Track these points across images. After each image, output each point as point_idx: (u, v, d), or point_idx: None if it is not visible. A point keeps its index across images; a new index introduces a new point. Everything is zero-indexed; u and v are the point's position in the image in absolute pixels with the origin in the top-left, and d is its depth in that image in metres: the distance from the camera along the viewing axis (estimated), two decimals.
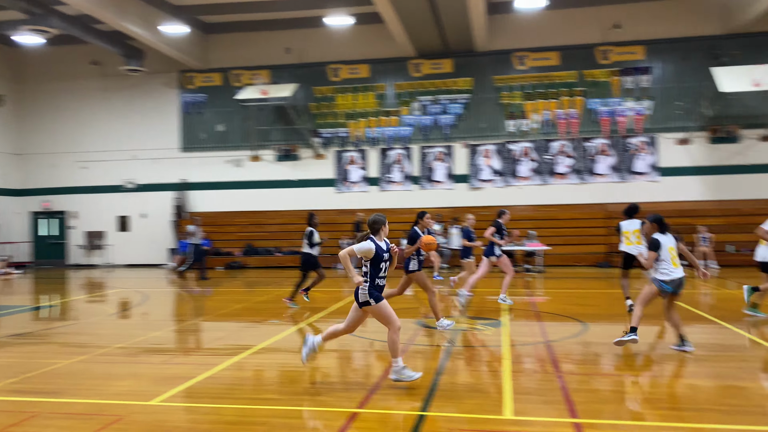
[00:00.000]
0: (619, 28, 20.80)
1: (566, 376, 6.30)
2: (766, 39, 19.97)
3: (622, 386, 6.07)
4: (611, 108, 21.03)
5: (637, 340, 7.19)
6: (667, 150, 20.64)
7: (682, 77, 20.63)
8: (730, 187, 20.20)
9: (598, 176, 21.07)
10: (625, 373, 6.58)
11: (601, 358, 7.35)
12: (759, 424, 4.75)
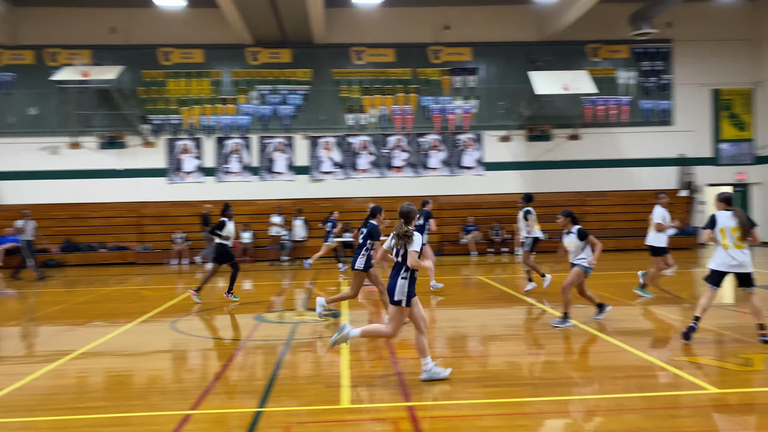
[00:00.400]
0: (448, 29, 21.97)
1: (402, 361, 6.57)
2: (574, 47, 22.25)
3: (454, 367, 6.46)
4: (442, 106, 22.19)
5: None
6: (490, 146, 22.24)
7: (504, 79, 22.32)
8: (544, 180, 22.29)
9: (430, 170, 22.15)
10: (456, 355, 7.02)
11: (436, 342, 7.76)
12: (566, 395, 5.31)
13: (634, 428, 4.52)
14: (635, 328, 8.34)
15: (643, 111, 22.49)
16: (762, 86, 22.51)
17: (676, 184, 22.38)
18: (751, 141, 22.86)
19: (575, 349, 7.18)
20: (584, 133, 22.36)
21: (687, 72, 22.51)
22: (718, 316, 8.90)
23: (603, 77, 22.27)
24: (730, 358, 6.50)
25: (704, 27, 22.38)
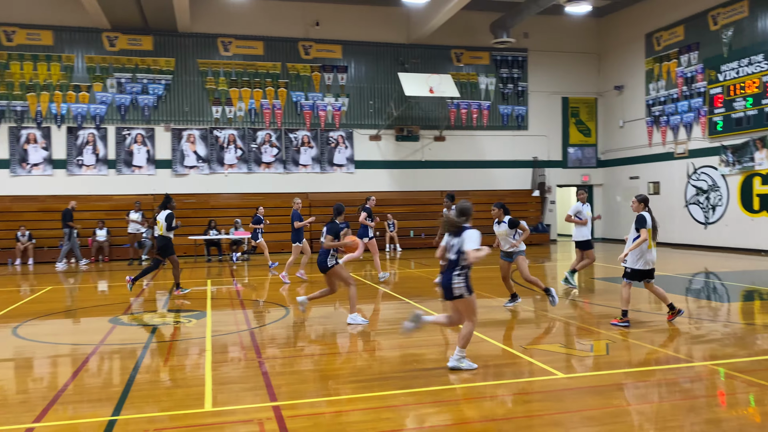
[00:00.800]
0: (318, 26, 21.93)
1: (269, 361, 6.46)
2: (439, 51, 23.12)
3: (322, 365, 6.45)
4: (313, 102, 22.12)
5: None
6: (361, 144, 22.53)
7: (373, 78, 22.69)
8: (412, 180, 22.97)
9: (301, 167, 22.00)
10: (326, 353, 7.02)
11: (304, 340, 7.72)
12: (429, 385, 5.50)
13: (491, 414, 4.78)
14: (493, 319, 8.82)
15: (502, 115, 23.87)
16: (604, 96, 24.75)
17: (530, 185, 24.00)
18: (594, 146, 25.05)
19: (440, 341, 7.46)
20: (449, 134, 23.31)
21: (540, 80, 24.21)
22: (566, 306, 9.65)
23: (466, 82, 23.37)
24: (575, 344, 7.08)
25: (556, 39, 24.19)
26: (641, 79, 22.63)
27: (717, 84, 19.19)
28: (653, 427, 4.42)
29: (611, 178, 24.51)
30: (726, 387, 5.46)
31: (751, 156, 18.05)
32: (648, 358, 6.46)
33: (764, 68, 17.55)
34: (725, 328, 7.90)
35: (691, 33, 20.34)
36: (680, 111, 20.79)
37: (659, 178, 21.80)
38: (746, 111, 18.14)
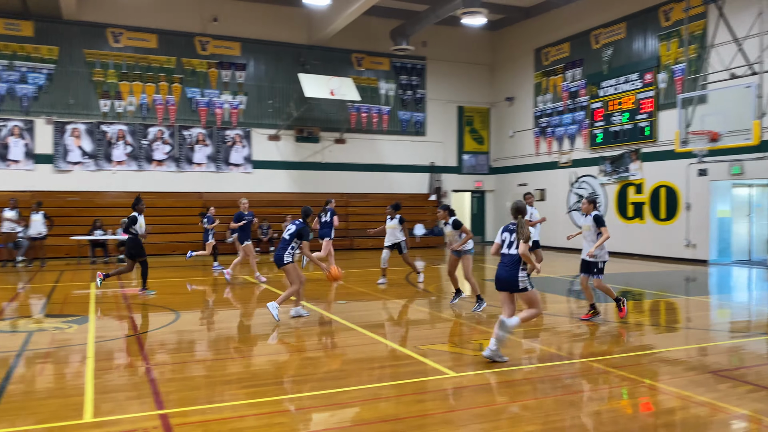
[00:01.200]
0: (216, 22, 21.33)
1: (157, 367, 6.19)
2: (340, 54, 23.19)
3: (215, 370, 6.27)
4: (209, 99, 21.47)
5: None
6: (259, 144, 22.13)
7: (273, 78, 22.37)
8: (312, 181, 22.86)
9: (195, 165, 21.27)
10: (219, 358, 6.82)
11: (195, 345, 7.47)
12: (323, 389, 5.49)
13: (386, 415, 4.84)
14: (388, 320, 8.96)
15: (401, 121, 24.31)
16: (495, 107, 25.85)
17: (427, 189, 24.60)
18: (487, 154, 26.09)
19: (333, 344, 7.47)
20: (349, 137, 23.42)
21: (438, 88, 24.90)
22: (460, 307, 9.96)
23: (367, 86, 23.59)
24: (466, 344, 7.33)
25: (453, 49, 24.98)
26: (530, 91, 23.85)
27: (598, 99, 20.59)
28: (537, 422, 4.66)
29: (502, 185, 25.62)
30: (602, 382, 5.85)
31: (627, 167, 19.52)
32: (533, 355, 6.80)
33: (638, 86, 19.05)
34: (602, 326, 8.47)
35: (575, 50, 21.70)
36: (565, 123, 22.11)
37: (545, 185, 23.05)
38: (623, 125, 19.61)
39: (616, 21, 19.99)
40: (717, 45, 15.46)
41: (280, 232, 20.70)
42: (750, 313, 10.05)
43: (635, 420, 4.80)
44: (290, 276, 8.66)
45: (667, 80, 18.21)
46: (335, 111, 22.97)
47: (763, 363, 6.60)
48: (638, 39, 19.28)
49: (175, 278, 14.19)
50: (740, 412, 4.90)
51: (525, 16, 23.58)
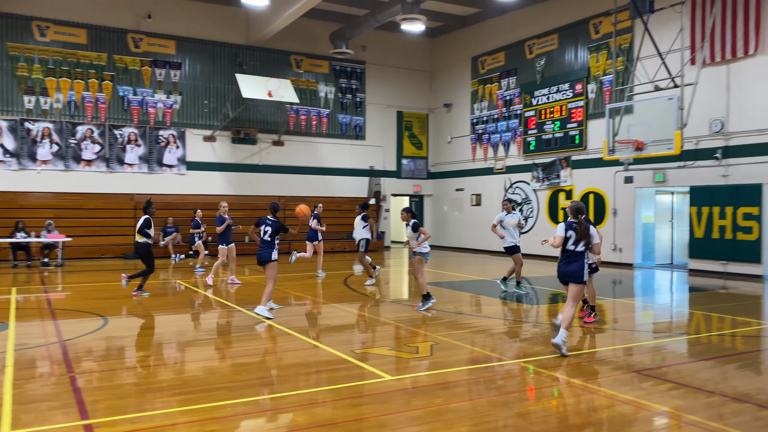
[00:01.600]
0: (150, 19, 20.74)
1: (83, 376, 5.95)
2: (279, 56, 22.97)
3: (145, 377, 6.07)
4: (142, 97, 20.82)
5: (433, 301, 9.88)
6: (194, 145, 21.62)
7: (210, 77, 21.92)
8: (249, 183, 22.52)
9: (127, 166, 20.57)
10: (150, 365, 6.61)
11: (125, 352, 7.22)
12: (258, 394, 5.42)
13: (322, 420, 4.82)
14: (326, 324, 8.92)
15: (341, 124, 24.30)
16: (434, 112, 26.22)
17: (367, 193, 24.67)
18: (425, 159, 26.41)
19: (270, 349, 7.38)
20: (288, 140, 23.22)
21: (377, 93, 25.04)
22: (395, 310, 10.03)
23: (306, 88, 23.47)
24: (403, 347, 7.39)
25: (392, 55, 25.19)
26: (467, 98, 24.31)
27: (531, 108, 21.21)
28: (471, 423, 4.74)
29: (440, 190, 25.98)
30: (534, 382, 6.02)
31: (558, 173, 20.18)
32: (468, 357, 6.92)
33: (569, 96, 19.74)
34: (534, 328, 8.71)
35: (510, 59, 22.28)
36: (500, 130, 22.66)
37: (481, 190, 23.53)
38: (554, 133, 20.26)
39: (549, 32, 20.66)
40: (642, 58, 16.20)
41: (215, 235, 20.31)
42: (671, 314, 10.56)
43: (564, 419, 4.96)
44: (272, 272, 9.15)
45: (596, 91, 18.95)
46: (273, 113, 22.73)
47: (683, 361, 6.95)
48: (569, 50, 19.98)
49: (103, 282, 13.67)
50: (662, 409, 5.14)
51: (462, 24, 24.04)
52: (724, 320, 9.43)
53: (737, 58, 15.20)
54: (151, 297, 11.55)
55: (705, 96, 15.49)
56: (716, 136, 15.65)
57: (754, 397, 5.42)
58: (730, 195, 15.29)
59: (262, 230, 9.29)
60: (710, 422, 4.79)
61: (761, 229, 14.82)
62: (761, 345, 7.87)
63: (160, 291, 12.52)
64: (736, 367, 6.55)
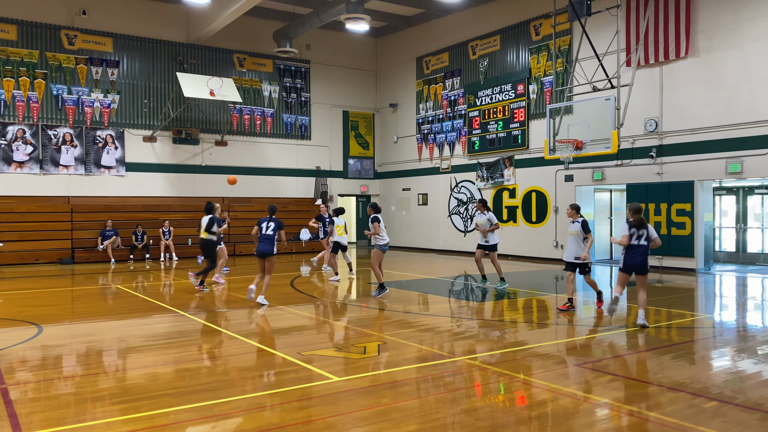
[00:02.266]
0: (85, 15, 20.03)
1: (16, 387, 5.67)
2: (221, 54, 22.56)
3: (84, 387, 5.84)
4: (77, 96, 20.07)
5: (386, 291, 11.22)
6: (133, 145, 20.99)
7: (149, 76, 21.32)
8: (191, 184, 22.02)
9: (62, 167, 19.79)
10: (90, 373, 6.37)
11: (62, 361, 6.93)
12: (202, 401, 5.30)
13: (269, 424, 4.75)
14: (271, 327, 8.81)
15: (286, 124, 24.07)
16: (380, 112, 26.29)
17: (314, 194, 24.52)
18: (372, 158, 26.46)
19: (214, 354, 7.23)
20: (231, 139, 22.83)
21: (322, 92, 24.92)
22: (342, 311, 10.00)
23: (249, 87, 23.13)
24: (351, 348, 7.37)
25: (337, 54, 25.12)
26: (412, 98, 24.49)
27: (475, 108, 21.54)
28: (419, 421, 4.77)
29: (387, 189, 26.07)
30: (481, 378, 6.11)
31: (501, 173, 20.57)
32: (415, 356, 6.96)
33: (511, 96, 20.14)
34: (480, 325, 8.84)
35: (454, 60, 22.57)
36: (445, 130, 22.92)
37: (427, 190, 23.75)
38: (497, 133, 20.64)
39: (491, 33, 21.03)
40: (581, 59, 16.69)
41: (156, 238, 19.80)
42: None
43: (510, 413, 5.04)
44: (272, 266, 10.58)
45: (537, 91, 19.41)
46: (216, 112, 22.32)
47: (622, 354, 7.19)
48: (511, 51, 20.39)
49: (37, 289, 13.10)
50: (602, 401, 5.30)
51: (407, 24, 24.19)
52: (660, 313, 9.81)
53: (669, 60, 15.85)
54: (92, 302, 11.16)
55: (640, 97, 16.09)
56: (651, 135, 16.28)
57: (688, 386, 5.66)
58: (664, 192, 15.93)
59: (265, 226, 10.55)
60: (647, 412, 4.96)
61: (693, 224, 15.50)
62: (695, 336, 8.23)
63: (101, 296, 12.10)
64: (672, 358, 6.83)
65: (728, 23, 14.79)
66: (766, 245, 17.92)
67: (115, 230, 19.34)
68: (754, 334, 8.38)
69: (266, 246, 10.46)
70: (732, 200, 18.37)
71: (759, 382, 5.94)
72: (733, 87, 14.76)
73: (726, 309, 10.90)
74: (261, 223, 10.65)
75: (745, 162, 14.53)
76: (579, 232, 9.68)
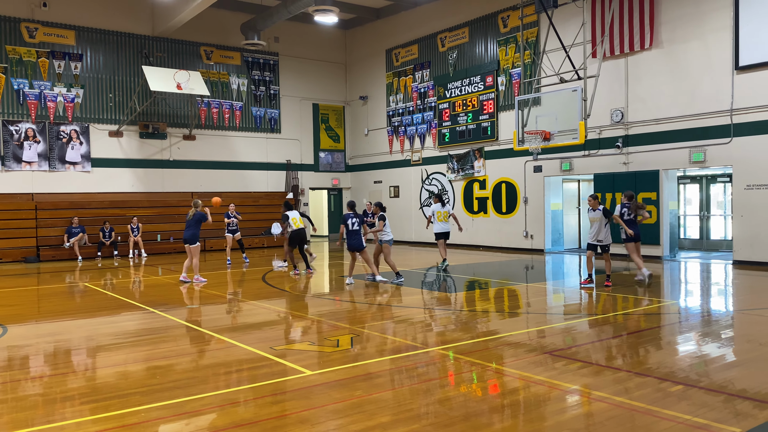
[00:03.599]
0: (46, 7, 19.52)
1: None
2: (188, 47, 22.22)
3: (52, 387, 5.74)
4: (40, 91, 19.58)
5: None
6: (99, 141, 20.58)
7: (114, 70, 20.89)
8: (159, 180, 21.70)
9: (25, 164, 19.30)
10: (58, 373, 6.25)
11: (29, 361, 6.79)
12: (175, 398, 5.25)
13: (242, 419, 4.73)
14: (243, 322, 8.76)
15: (255, 117, 23.84)
16: (350, 105, 26.22)
17: (284, 187, 24.37)
18: (343, 151, 26.38)
19: (186, 351, 7.16)
20: (199, 134, 22.54)
21: (292, 85, 24.73)
22: (316, 305, 9.99)
23: (217, 81, 22.85)
24: (324, 341, 7.37)
25: (307, 46, 24.94)
26: (383, 91, 24.46)
27: (445, 100, 21.62)
28: (392, 412, 4.80)
29: (358, 182, 26.04)
30: (454, 368, 6.16)
31: (472, 164, 20.71)
32: (389, 347, 6.99)
33: (481, 88, 20.26)
34: (452, 315, 8.92)
35: (423, 52, 22.60)
36: (415, 122, 22.96)
37: (399, 182, 23.79)
38: (467, 125, 20.76)
39: (460, 26, 21.10)
40: (548, 51, 16.86)
41: (124, 234, 19.48)
42: (580, 296, 11.09)
43: (483, 402, 5.11)
44: (366, 255, 12.00)
45: (505, 83, 19.55)
46: (183, 106, 22.00)
47: (591, 341, 7.33)
48: (480, 43, 20.50)
49: (1, 288, 12.78)
50: (572, 388, 5.39)
51: (376, 16, 24.12)
52: (628, 300, 10.01)
53: (634, 51, 16.11)
54: (59, 301, 10.95)
55: (606, 88, 16.34)
56: (617, 125, 16.55)
57: (655, 371, 5.79)
58: (630, 181, 16.22)
59: (350, 223, 11.79)
60: (616, 397, 5.07)
61: (659, 213, 15.83)
62: (661, 322, 8.42)
63: (68, 294, 11.88)
64: (639, 344, 6.98)
65: (690, 15, 15.09)
66: (729, 232, 18.41)
67: (81, 227, 18.96)
68: (718, 319, 8.62)
69: (354, 240, 11.81)
70: (696, 189, 18.79)
71: (722, 365, 6.11)
72: (695, 78, 15.07)
73: (691, 295, 11.18)
74: (346, 220, 11.85)
75: (708, 151, 14.88)
76: (601, 219, 11.24)
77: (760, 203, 13.98)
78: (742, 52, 14.18)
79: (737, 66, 14.28)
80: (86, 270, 16.19)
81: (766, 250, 13.95)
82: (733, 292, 11.37)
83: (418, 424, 4.55)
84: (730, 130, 14.42)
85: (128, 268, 16.38)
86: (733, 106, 14.36)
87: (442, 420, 4.65)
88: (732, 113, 14.39)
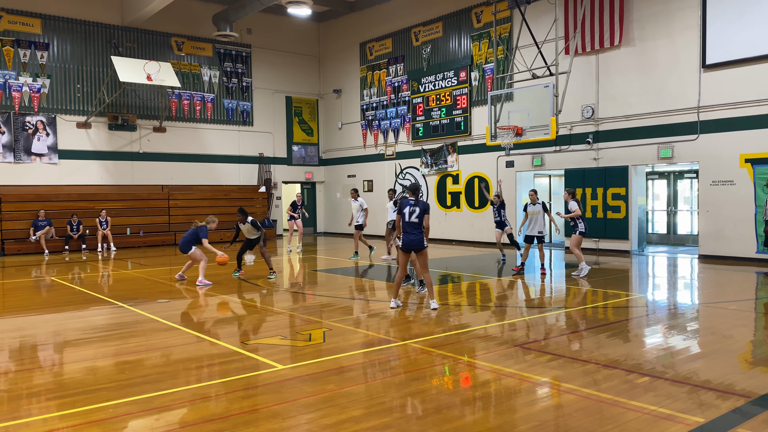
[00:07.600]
0: None
1: None
2: (158, 37, 21.86)
3: (17, 383, 5.61)
4: (4, 80, 19.07)
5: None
6: (66, 132, 20.15)
7: (82, 60, 20.46)
8: (128, 172, 21.34)
9: None
10: (23, 369, 6.12)
11: None
12: (143, 393, 5.18)
13: (212, 414, 4.69)
14: (214, 317, 8.68)
15: (227, 110, 23.58)
16: (324, 98, 26.09)
17: (257, 181, 24.17)
18: (317, 145, 26.26)
19: (156, 345, 7.07)
20: (170, 125, 22.22)
21: (264, 78, 24.51)
22: (287, 299, 9.94)
23: (188, 72, 22.53)
24: (296, 335, 7.34)
25: (280, 39, 24.72)
26: (356, 84, 24.39)
27: (419, 94, 21.64)
28: (364, 405, 4.81)
29: (332, 176, 25.96)
30: (425, 361, 6.19)
31: (445, 159, 20.79)
32: (361, 341, 7.00)
33: (454, 83, 20.34)
34: (425, 309, 8.95)
35: (397, 46, 22.58)
36: (389, 117, 22.96)
37: (372, 176, 23.78)
38: (441, 120, 20.83)
39: (434, 20, 21.13)
40: (521, 47, 16.98)
41: (92, 228, 19.12)
42: (550, 289, 11.24)
43: (455, 394, 5.15)
44: (424, 259, 8.89)
45: (479, 78, 19.66)
46: (153, 97, 21.65)
47: (560, 334, 7.43)
48: (453, 38, 20.56)
49: None
50: (542, 380, 5.47)
51: (350, 9, 24.01)
52: (597, 293, 10.17)
53: (605, 48, 16.32)
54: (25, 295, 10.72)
55: (578, 84, 16.53)
56: (588, 121, 16.77)
57: (622, 363, 5.90)
58: (600, 177, 16.46)
59: (407, 212, 8.64)
60: (584, 389, 5.16)
61: (628, 208, 16.10)
62: (629, 315, 8.58)
63: (34, 289, 11.63)
64: (608, 336, 7.10)
65: (660, 13, 15.33)
66: (695, 227, 18.81)
67: (48, 220, 18.56)
68: (684, 312, 8.81)
69: (415, 238, 8.60)
70: (663, 184, 19.16)
71: (687, 357, 6.25)
72: (664, 75, 15.34)
73: (658, 288, 11.41)
74: (404, 207, 8.72)
75: (675, 147, 15.17)
76: (540, 212, 12.49)
77: (724, 199, 14.31)
78: (709, 50, 14.47)
79: (704, 64, 14.56)
80: (53, 264, 15.87)
81: (730, 245, 14.29)
82: (699, 285, 11.63)
83: (390, 417, 4.57)
84: (697, 127, 14.72)
85: (96, 262, 16.10)
86: (699, 104, 14.66)
87: (413, 413, 4.67)
88: (699, 110, 14.68)
